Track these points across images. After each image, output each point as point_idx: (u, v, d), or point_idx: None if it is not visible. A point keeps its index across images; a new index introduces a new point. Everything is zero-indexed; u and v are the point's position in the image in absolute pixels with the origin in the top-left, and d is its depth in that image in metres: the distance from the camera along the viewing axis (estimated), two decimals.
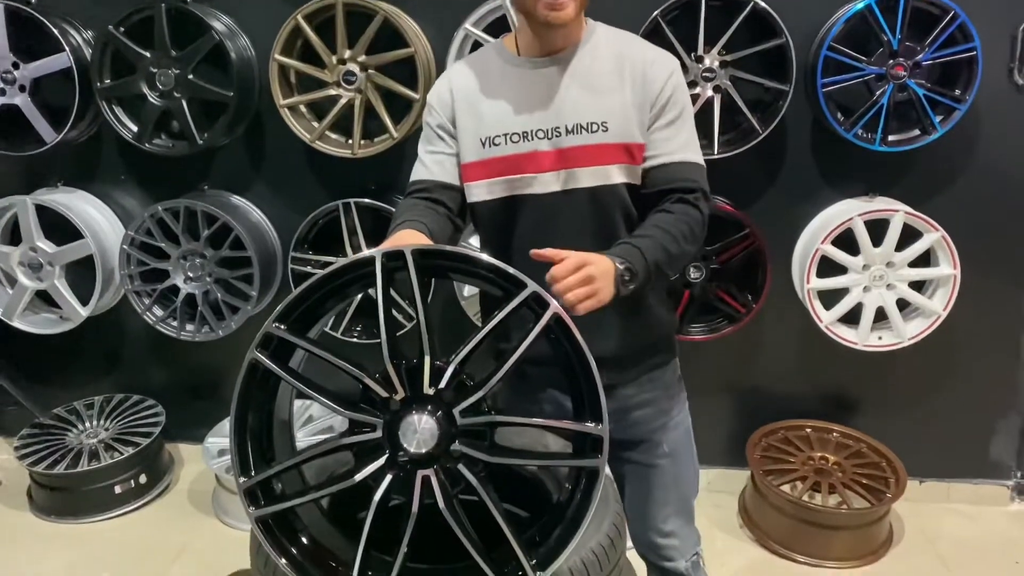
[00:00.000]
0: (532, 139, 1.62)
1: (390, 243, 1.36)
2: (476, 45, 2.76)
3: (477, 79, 1.69)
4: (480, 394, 1.16)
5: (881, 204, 2.81)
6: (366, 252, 1.17)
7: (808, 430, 3.11)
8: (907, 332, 2.83)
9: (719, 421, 3.21)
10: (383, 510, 1.21)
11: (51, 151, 2.98)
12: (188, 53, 2.81)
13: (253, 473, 1.18)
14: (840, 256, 2.78)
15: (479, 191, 1.67)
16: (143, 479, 3.17)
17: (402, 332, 2.69)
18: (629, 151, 1.61)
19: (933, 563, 2.84)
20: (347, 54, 2.77)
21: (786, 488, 2.92)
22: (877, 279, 2.80)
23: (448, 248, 1.21)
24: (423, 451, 1.15)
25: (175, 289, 3.06)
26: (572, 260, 1.37)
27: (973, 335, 3.00)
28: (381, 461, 1.17)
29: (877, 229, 2.76)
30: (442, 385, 1.16)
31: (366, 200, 2.92)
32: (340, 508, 1.41)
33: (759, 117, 2.72)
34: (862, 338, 2.84)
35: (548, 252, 1.39)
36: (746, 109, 2.69)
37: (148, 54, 2.82)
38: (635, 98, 1.61)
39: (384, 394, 1.17)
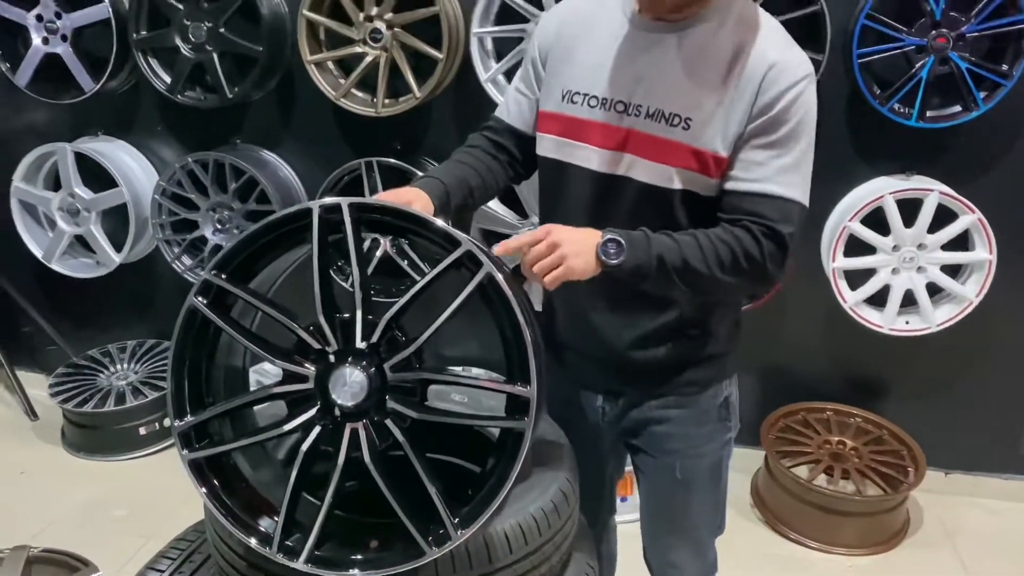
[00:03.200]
0: (609, 109, 1.44)
1: (376, 196, 1.36)
2: (503, 5, 2.72)
3: (587, 22, 1.51)
4: (409, 351, 1.15)
5: (917, 183, 2.68)
6: (304, 204, 1.17)
7: (829, 413, 3.03)
8: (936, 318, 2.72)
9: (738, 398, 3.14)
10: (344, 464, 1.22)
11: (93, 100, 3.07)
12: (219, 7, 2.85)
13: (188, 417, 1.21)
14: (868, 235, 2.67)
15: (544, 145, 1.56)
16: (167, 422, 3.27)
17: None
18: (702, 159, 1.39)
19: (948, 556, 2.75)
20: (374, 11, 2.76)
21: (801, 471, 2.86)
22: (907, 261, 2.69)
23: (385, 204, 1.19)
24: (350, 404, 1.16)
25: (204, 240, 3.14)
26: (537, 231, 1.31)
27: (1008, 323, 2.87)
28: (311, 412, 1.18)
29: (912, 209, 2.65)
30: (373, 339, 1.16)
31: (389, 160, 2.93)
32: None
33: None
34: (888, 322, 2.74)
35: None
36: None
37: (182, 6, 2.86)
38: (736, 101, 1.36)
39: (317, 345, 1.18)
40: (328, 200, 1.18)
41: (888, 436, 2.93)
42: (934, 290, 2.74)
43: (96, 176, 3.18)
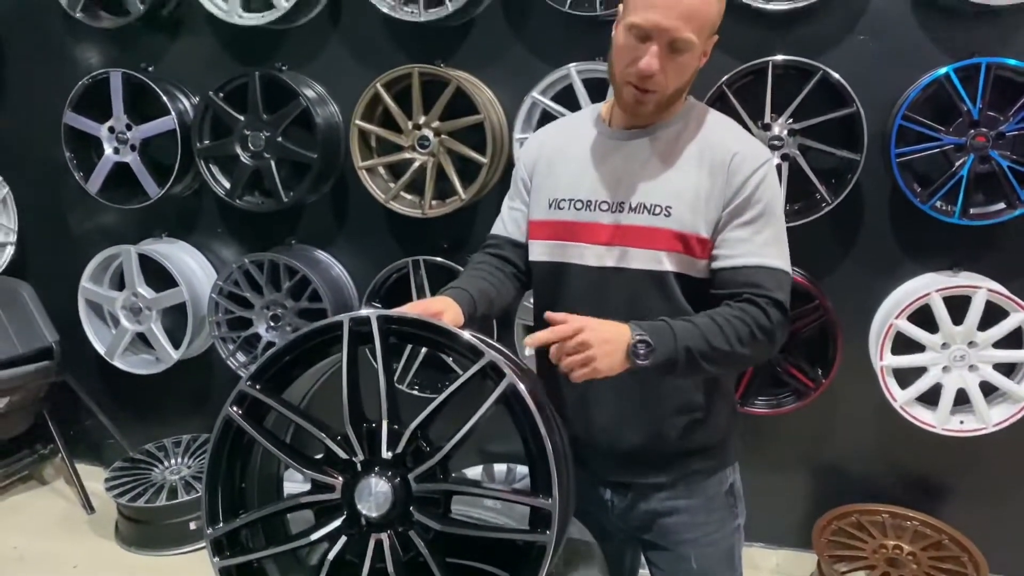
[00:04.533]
0: (595, 209, 1.59)
1: (405, 307, 1.41)
2: (544, 113, 2.83)
3: (563, 140, 1.69)
4: (433, 461, 1.18)
5: (965, 280, 2.65)
6: (335, 317, 1.22)
7: (884, 515, 2.92)
8: (992, 418, 2.64)
9: (790, 499, 3.07)
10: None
11: (158, 204, 3.24)
12: (277, 117, 3.00)
13: (220, 524, 1.25)
14: (916, 333, 2.63)
15: (537, 250, 1.67)
16: None
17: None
18: (686, 241, 1.53)
19: None
20: (422, 120, 2.89)
21: None
22: (958, 359, 2.63)
23: (410, 316, 1.24)
24: (375, 515, 1.18)
25: (258, 337, 3.23)
26: (570, 325, 1.35)
27: None
28: (337, 522, 1.21)
29: (962, 306, 2.61)
30: (398, 450, 1.19)
31: (436, 258, 3.02)
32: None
33: (833, 186, 2.65)
34: (941, 421, 2.67)
35: (557, 316, 1.38)
36: (814, 178, 2.62)
37: (242, 117, 3.03)
38: (710, 190, 1.52)
39: (344, 456, 1.21)
40: (358, 313, 1.23)
41: (948, 541, 2.81)
42: (990, 389, 2.67)
43: (158, 275, 3.33)
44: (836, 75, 2.55)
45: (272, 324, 3.22)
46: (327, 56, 3.11)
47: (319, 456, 1.26)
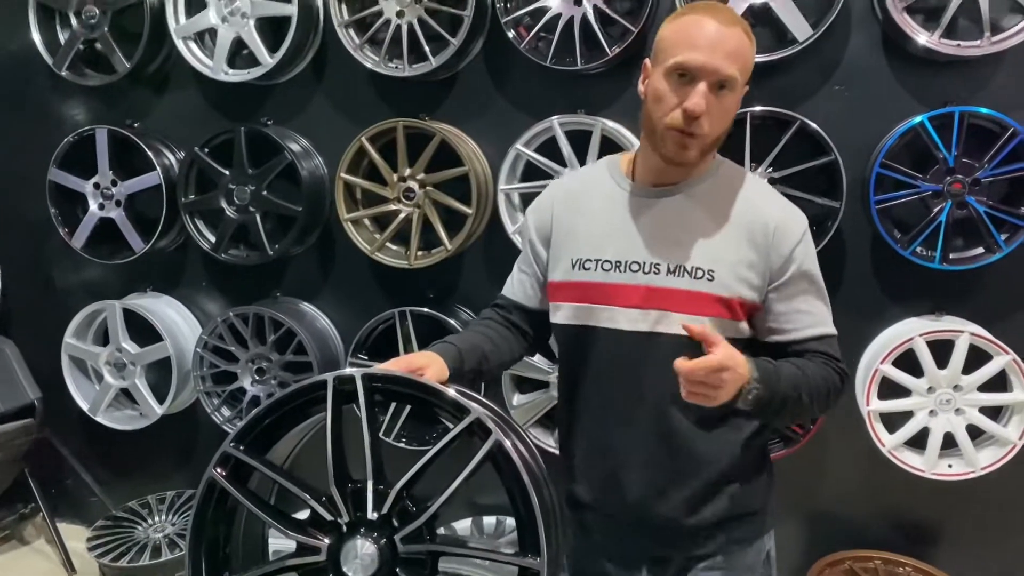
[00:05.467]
0: (625, 270, 1.53)
1: (388, 363, 1.40)
2: (528, 164, 2.85)
3: (581, 196, 1.63)
4: (419, 522, 1.17)
5: (948, 324, 2.67)
6: (319, 376, 1.22)
7: (877, 562, 2.90)
8: (980, 461, 2.64)
9: (781, 546, 2.98)
10: None
11: (143, 259, 3.24)
12: (262, 171, 3.02)
13: None
14: (901, 378, 2.64)
15: (560, 313, 1.61)
16: None
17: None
18: (729, 305, 1.49)
19: None
20: (408, 172, 2.91)
21: None
22: (944, 403, 2.64)
23: (395, 374, 1.24)
24: None
25: (243, 391, 3.21)
26: (718, 358, 1.30)
27: None
28: None
29: (947, 349, 2.62)
30: (384, 511, 1.18)
31: (422, 309, 3.01)
32: None
33: (814, 233, 2.66)
34: (929, 465, 2.67)
35: (705, 334, 1.34)
36: None
37: (227, 172, 3.04)
38: (752, 258, 1.49)
39: (329, 517, 1.20)
40: (343, 372, 1.23)
41: None
42: (977, 432, 2.67)
43: (143, 330, 3.31)
44: (813, 124, 2.59)
45: (257, 378, 3.20)
46: (312, 111, 3.15)
47: (304, 515, 1.25)
